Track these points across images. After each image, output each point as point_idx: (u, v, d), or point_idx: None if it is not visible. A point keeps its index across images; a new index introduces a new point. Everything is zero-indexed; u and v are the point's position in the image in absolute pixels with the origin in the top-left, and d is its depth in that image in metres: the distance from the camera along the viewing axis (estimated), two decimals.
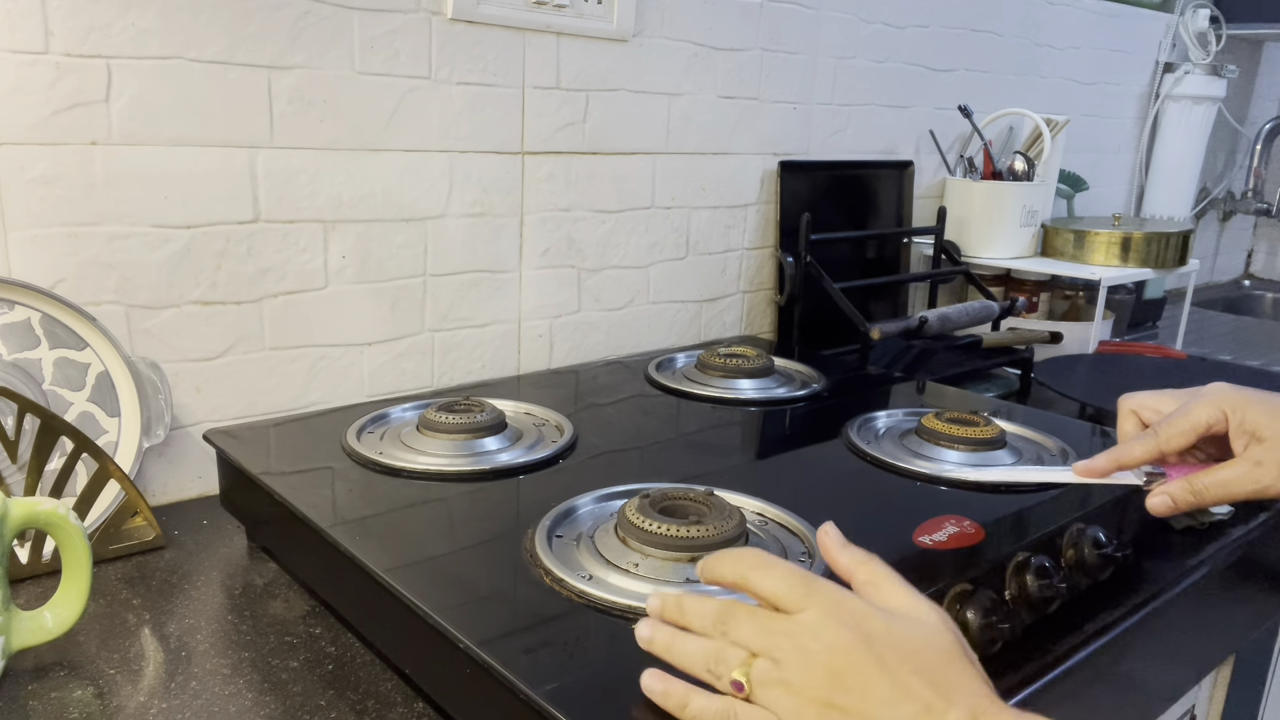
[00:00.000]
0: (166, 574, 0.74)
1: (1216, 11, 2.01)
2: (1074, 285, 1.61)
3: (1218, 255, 2.45)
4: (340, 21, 0.89)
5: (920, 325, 1.23)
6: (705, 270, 1.27)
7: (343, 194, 0.93)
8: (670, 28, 1.14)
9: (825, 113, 1.36)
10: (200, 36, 0.82)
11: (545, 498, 0.69)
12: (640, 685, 0.46)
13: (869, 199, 1.44)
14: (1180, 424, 0.60)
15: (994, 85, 1.63)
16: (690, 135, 1.20)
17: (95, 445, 0.74)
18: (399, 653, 0.60)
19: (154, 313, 0.84)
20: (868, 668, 0.41)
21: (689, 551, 0.59)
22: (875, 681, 0.41)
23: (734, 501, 0.67)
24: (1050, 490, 0.76)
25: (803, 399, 0.99)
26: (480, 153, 1.01)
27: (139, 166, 0.81)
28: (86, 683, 0.60)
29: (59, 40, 0.76)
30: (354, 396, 0.97)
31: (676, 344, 1.25)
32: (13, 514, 0.59)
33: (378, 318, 0.98)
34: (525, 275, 1.09)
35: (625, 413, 0.93)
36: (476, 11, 0.97)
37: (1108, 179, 1.99)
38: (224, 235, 0.86)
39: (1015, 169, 1.50)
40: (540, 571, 0.59)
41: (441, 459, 0.77)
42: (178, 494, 0.89)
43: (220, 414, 0.90)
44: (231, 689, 0.60)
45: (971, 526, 0.68)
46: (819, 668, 0.42)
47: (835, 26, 1.33)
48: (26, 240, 0.78)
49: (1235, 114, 2.26)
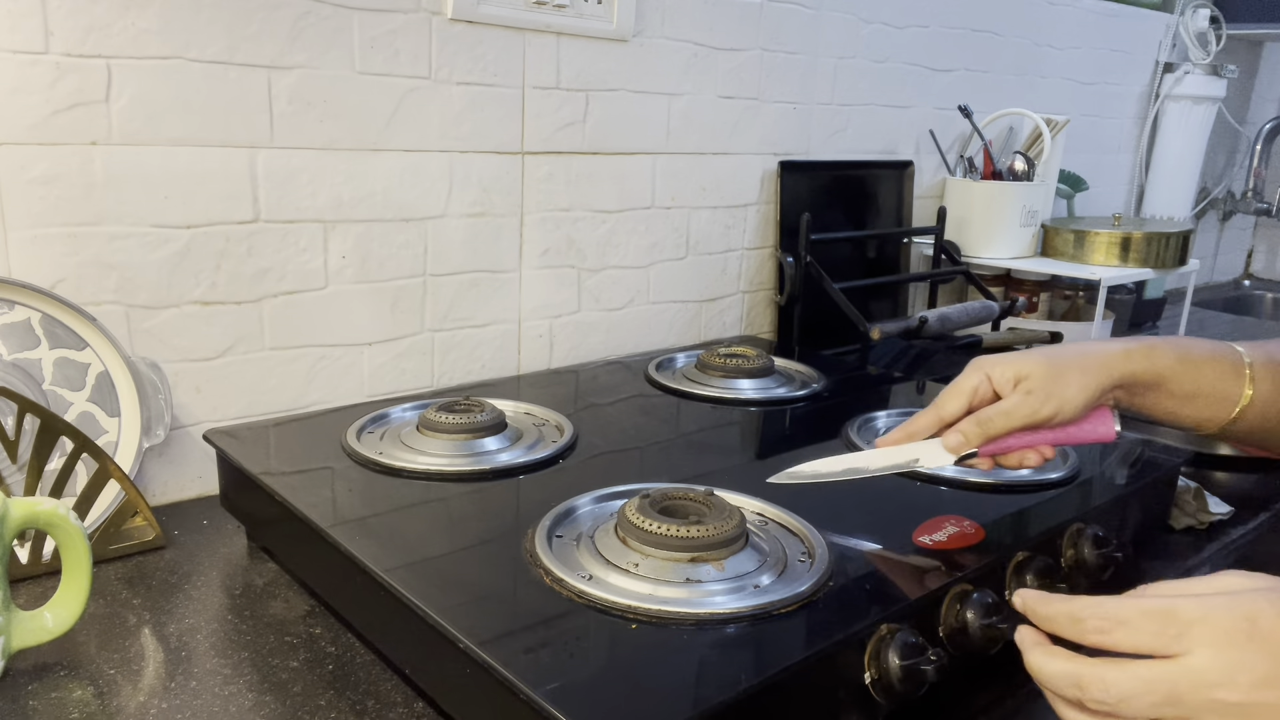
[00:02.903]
0: (166, 574, 0.74)
1: (1216, 11, 2.01)
2: (1074, 285, 1.61)
3: (1218, 255, 2.45)
4: (340, 21, 0.89)
5: (920, 325, 1.23)
6: (705, 270, 1.27)
7: (343, 194, 0.93)
8: (670, 28, 1.14)
9: (825, 113, 1.36)
10: (200, 36, 0.82)
11: (545, 498, 0.69)
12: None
13: (869, 199, 1.44)
14: (951, 392, 0.65)
15: (994, 85, 1.63)
16: (690, 135, 1.20)
17: (95, 445, 0.74)
18: (399, 653, 0.60)
19: (154, 313, 0.84)
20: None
21: (689, 551, 0.59)
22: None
23: (734, 501, 0.67)
24: (1049, 490, 0.76)
25: (803, 399, 0.99)
26: (480, 153, 1.01)
27: (139, 166, 0.81)
28: (86, 683, 0.60)
29: (59, 40, 0.76)
30: (354, 396, 0.97)
31: (676, 344, 1.25)
32: (13, 514, 0.59)
33: (378, 318, 0.98)
34: (525, 275, 1.09)
35: (625, 413, 0.93)
36: (476, 11, 0.97)
37: (1108, 179, 1.99)
38: (224, 235, 0.86)
39: (1015, 169, 1.50)
40: (540, 571, 0.59)
41: (441, 459, 0.77)
42: (178, 494, 0.89)
43: (220, 414, 0.90)
44: (231, 689, 0.60)
45: (971, 526, 0.68)
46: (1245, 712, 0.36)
47: (835, 26, 1.33)
48: (26, 240, 0.78)
49: (1235, 114, 2.26)
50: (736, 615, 0.54)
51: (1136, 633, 0.39)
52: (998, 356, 0.65)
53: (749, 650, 0.53)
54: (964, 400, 0.65)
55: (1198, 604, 0.38)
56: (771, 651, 0.52)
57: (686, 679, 0.49)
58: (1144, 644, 0.38)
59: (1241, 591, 0.39)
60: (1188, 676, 0.37)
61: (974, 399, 0.65)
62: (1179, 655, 0.37)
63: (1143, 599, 0.40)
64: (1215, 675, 0.37)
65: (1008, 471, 0.79)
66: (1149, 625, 0.38)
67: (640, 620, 0.54)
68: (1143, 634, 0.38)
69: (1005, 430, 0.63)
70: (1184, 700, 0.37)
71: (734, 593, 0.57)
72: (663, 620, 0.54)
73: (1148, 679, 0.38)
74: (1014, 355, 0.65)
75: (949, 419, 0.65)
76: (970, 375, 0.65)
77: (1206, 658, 0.37)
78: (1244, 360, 0.65)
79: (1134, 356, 0.63)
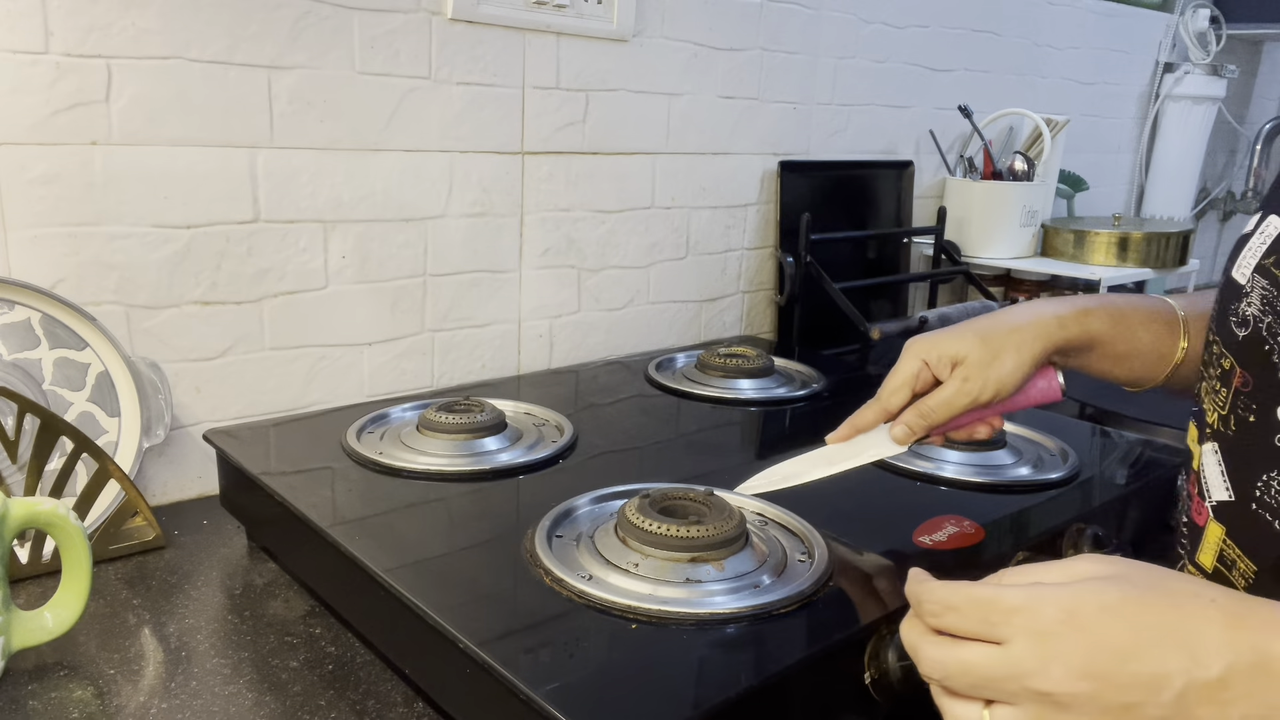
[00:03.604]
0: (166, 574, 0.74)
1: (1216, 11, 2.01)
2: (1074, 285, 1.60)
3: (1218, 255, 2.45)
4: (340, 21, 0.89)
5: (920, 325, 1.23)
6: (705, 270, 1.27)
7: (343, 194, 0.93)
8: (670, 28, 1.14)
9: (825, 113, 1.36)
10: (200, 36, 0.82)
11: (545, 498, 0.69)
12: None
13: (869, 199, 1.44)
14: (892, 383, 0.65)
15: (994, 85, 1.63)
16: (690, 135, 1.20)
17: (95, 445, 0.74)
18: (399, 653, 0.60)
19: (154, 313, 0.84)
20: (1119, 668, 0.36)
21: (689, 551, 0.59)
22: (1133, 673, 0.36)
23: (734, 502, 0.67)
24: (1049, 490, 0.76)
25: (803, 399, 0.99)
26: (480, 153, 1.01)
27: (139, 166, 0.81)
28: (86, 683, 0.60)
29: (59, 40, 0.76)
30: (354, 396, 0.97)
31: (676, 344, 1.25)
32: (13, 514, 0.59)
33: (378, 318, 0.98)
34: (525, 275, 1.09)
35: (625, 413, 0.93)
36: (476, 11, 0.97)
37: (1108, 179, 1.99)
38: (224, 235, 0.86)
39: (1015, 169, 1.50)
40: (540, 571, 0.59)
41: (441, 459, 0.77)
42: (178, 494, 0.89)
43: (220, 414, 0.90)
44: (231, 689, 0.60)
45: (971, 526, 0.68)
46: (1071, 696, 0.37)
47: (835, 26, 1.33)
48: (26, 240, 0.78)
49: (1235, 114, 2.26)
50: (736, 615, 0.54)
51: (963, 619, 0.40)
52: (932, 338, 0.65)
53: (749, 650, 0.53)
54: (906, 391, 0.65)
55: (1022, 593, 0.39)
56: (771, 651, 0.52)
57: (686, 679, 0.49)
58: (970, 629, 0.39)
59: (1073, 581, 0.39)
60: (1004, 664, 0.38)
61: (916, 385, 0.65)
62: (1001, 643, 0.38)
63: (972, 586, 0.41)
64: (1030, 664, 0.37)
65: (1008, 471, 0.79)
66: (974, 612, 0.39)
67: (640, 620, 0.54)
68: (969, 620, 0.39)
69: (948, 418, 0.64)
70: (1000, 686, 0.38)
71: (734, 593, 0.57)
72: (663, 620, 0.54)
73: (966, 662, 0.39)
74: (948, 335, 0.64)
75: (894, 410, 0.65)
76: (908, 362, 0.65)
77: (1023, 647, 0.38)
78: (1178, 315, 0.65)
79: (1068, 323, 0.63)
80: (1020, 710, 0.38)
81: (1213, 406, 0.50)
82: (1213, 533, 0.50)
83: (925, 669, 0.41)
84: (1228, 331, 0.49)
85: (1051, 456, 0.83)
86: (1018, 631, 0.38)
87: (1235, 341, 0.48)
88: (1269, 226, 0.48)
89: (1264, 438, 0.46)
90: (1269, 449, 0.45)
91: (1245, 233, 0.50)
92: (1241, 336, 0.48)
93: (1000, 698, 0.38)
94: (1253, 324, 0.47)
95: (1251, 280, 0.47)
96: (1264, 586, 0.47)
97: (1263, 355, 0.46)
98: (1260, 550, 0.47)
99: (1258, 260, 0.47)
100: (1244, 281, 0.48)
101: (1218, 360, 0.50)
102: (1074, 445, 0.84)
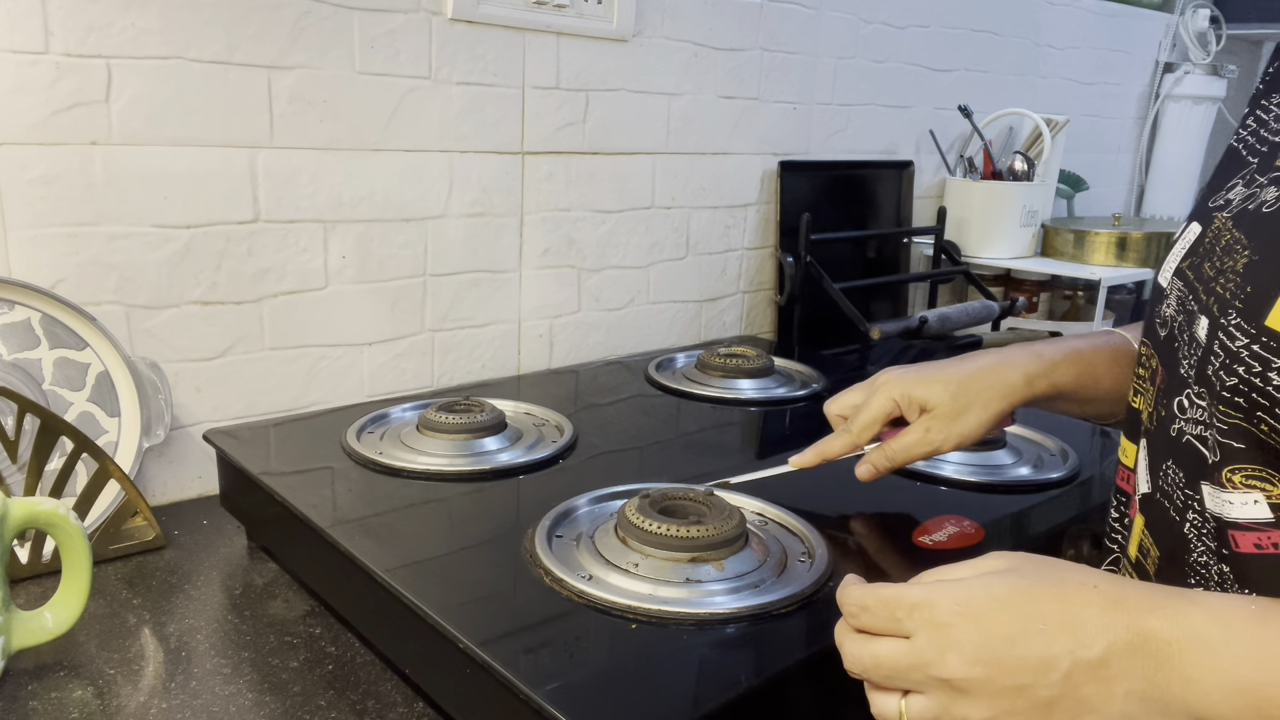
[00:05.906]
0: (166, 574, 0.74)
1: (1216, 11, 2.01)
2: (1074, 285, 1.61)
3: None
4: (340, 21, 0.89)
5: (920, 325, 1.23)
6: (705, 270, 1.27)
7: (343, 194, 0.93)
8: (670, 28, 1.14)
9: (825, 113, 1.36)
10: (200, 36, 0.82)
11: (545, 498, 0.69)
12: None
13: (869, 199, 1.44)
14: (865, 418, 0.68)
15: (994, 85, 1.63)
16: (690, 135, 1.20)
17: (95, 445, 0.74)
18: (399, 653, 0.60)
19: (154, 313, 0.84)
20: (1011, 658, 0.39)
21: (689, 551, 0.59)
22: (1024, 656, 0.39)
23: (734, 501, 0.67)
24: (1049, 490, 0.76)
25: (803, 399, 0.99)
26: (480, 153, 1.01)
27: (139, 166, 0.81)
28: (86, 683, 0.60)
29: (59, 40, 0.76)
30: (354, 396, 0.97)
31: (676, 344, 1.25)
32: (13, 514, 0.59)
33: (378, 318, 0.98)
34: (525, 275, 1.09)
35: (625, 413, 0.93)
36: (476, 11, 0.97)
37: (1108, 179, 1.99)
38: (224, 235, 0.86)
39: (1015, 169, 1.50)
40: (540, 571, 0.59)
41: (441, 459, 0.77)
42: (178, 494, 0.89)
43: (220, 414, 0.90)
44: (231, 689, 0.60)
45: (971, 526, 0.68)
46: (971, 685, 0.39)
47: (835, 26, 1.33)
48: (26, 240, 0.78)
49: (1235, 114, 2.26)
50: (736, 615, 0.54)
51: (874, 617, 0.43)
52: (905, 379, 0.68)
53: (749, 650, 0.53)
54: (877, 427, 0.68)
55: (923, 590, 0.42)
56: (771, 651, 0.52)
57: (686, 679, 0.49)
58: (880, 626, 0.43)
59: (970, 577, 0.42)
60: (909, 655, 0.41)
61: (886, 420, 0.69)
62: (907, 636, 0.41)
63: (883, 586, 0.44)
64: (930, 654, 0.40)
65: (1008, 471, 0.80)
66: (883, 610, 0.42)
67: (640, 620, 0.54)
68: (878, 618, 0.43)
69: (909, 461, 0.67)
70: (908, 676, 0.41)
71: (734, 593, 0.57)
72: (663, 620, 0.54)
73: (878, 655, 0.42)
74: (921, 378, 0.67)
75: (862, 445, 0.69)
76: (881, 401, 0.68)
77: (924, 639, 0.41)
78: (1136, 351, 0.66)
79: (1035, 382, 0.66)
80: (928, 698, 0.41)
81: (1143, 405, 0.53)
82: (1137, 525, 0.52)
83: (847, 664, 0.44)
84: (1153, 333, 0.52)
85: (1051, 456, 0.83)
86: (919, 625, 0.41)
87: (1158, 341, 0.51)
88: (1190, 232, 0.50)
89: (1166, 428, 0.48)
90: (1167, 439, 0.48)
91: (1174, 239, 0.52)
92: (1162, 336, 0.50)
93: (911, 687, 0.42)
94: (1170, 324, 0.49)
95: (1171, 283, 0.50)
96: (1164, 573, 0.49)
97: (1173, 351, 0.48)
98: (1163, 537, 0.49)
99: (1176, 264, 0.50)
100: (1165, 284, 0.51)
101: (1147, 361, 0.53)
102: (1074, 445, 0.84)
